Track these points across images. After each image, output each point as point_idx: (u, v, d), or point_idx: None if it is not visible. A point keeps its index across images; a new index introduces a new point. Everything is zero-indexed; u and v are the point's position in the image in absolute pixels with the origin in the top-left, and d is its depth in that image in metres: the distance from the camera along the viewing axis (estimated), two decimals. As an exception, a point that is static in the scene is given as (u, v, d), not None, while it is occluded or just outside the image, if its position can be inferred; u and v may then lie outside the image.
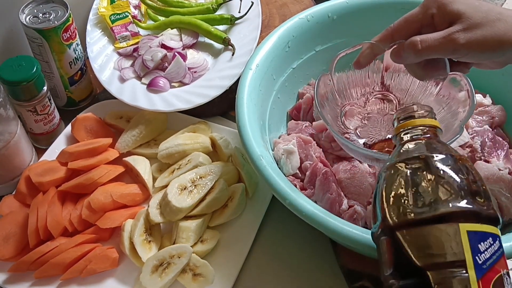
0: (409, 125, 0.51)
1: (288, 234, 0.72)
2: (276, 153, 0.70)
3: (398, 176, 0.46)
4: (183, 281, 0.66)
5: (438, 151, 0.46)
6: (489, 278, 0.40)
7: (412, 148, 0.49)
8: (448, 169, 0.44)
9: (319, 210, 0.57)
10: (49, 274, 0.66)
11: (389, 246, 0.44)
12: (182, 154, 0.75)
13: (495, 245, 0.42)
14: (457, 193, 0.42)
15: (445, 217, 0.42)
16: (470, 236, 0.41)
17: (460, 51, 0.54)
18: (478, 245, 0.41)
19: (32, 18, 0.76)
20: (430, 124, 0.51)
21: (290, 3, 1.04)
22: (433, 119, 0.51)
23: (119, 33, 0.89)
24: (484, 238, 0.41)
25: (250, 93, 0.68)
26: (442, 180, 0.43)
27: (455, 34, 0.53)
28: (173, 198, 0.68)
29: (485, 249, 0.41)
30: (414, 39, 0.55)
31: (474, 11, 0.54)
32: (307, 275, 0.69)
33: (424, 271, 0.41)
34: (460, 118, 0.61)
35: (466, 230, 0.41)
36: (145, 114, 0.80)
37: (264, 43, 0.74)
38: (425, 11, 0.57)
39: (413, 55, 0.55)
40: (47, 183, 0.72)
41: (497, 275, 0.40)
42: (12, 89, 0.72)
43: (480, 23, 0.53)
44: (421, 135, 0.50)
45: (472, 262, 0.40)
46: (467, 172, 0.44)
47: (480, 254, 0.40)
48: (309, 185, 0.68)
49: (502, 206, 0.65)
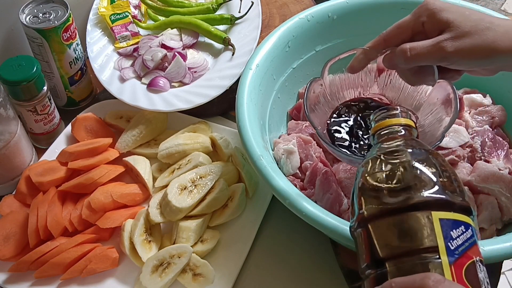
0: (385, 124, 0.52)
1: (288, 234, 0.72)
2: (276, 153, 0.71)
3: (374, 169, 0.47)
4: (183, 281, 0.66)
5: (412, 146, 0.48)
6: (461, 263, 0.41)
7: (387, 145, 0.50)
8: (422, 162, 0.46)
9: (319, 210, 0.57)
10: (49, 274, 0.66)
11: (365, 238, 0.46)
12: (182, 154, 0.75)
13: (467, 233, 0.43)
14: (430, 184, 0.44)
15: (418, 206, 0.43)
16: (442, 223, 0.42)
17: (448, 59, 0.55)
18: (450, 232, 0.42)
19: (32, 18, 0.76)
20: (406, 123, 0.52)
21: (290, 3, 1.04)
22: (408, 119, 0.52)
23: (119, 33, 0.89)
24: (457, 226, 0.43)
25: (250, 93, 0.68)
26: (416, 172, 0.45)
27: (443, 42, 0.54)
28: (173, 198, 0.69)
29: (458, 236, 0.42)
30: (404, 46, 0.56)
31: (463, 20, 0.54)
32: (307, 275, 0.69)
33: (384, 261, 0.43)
34: (444, 125, 0.61)
35: (438, 217, 0.42)
36: (145, 114, 0.80)
37: (264, 43, 0.74)
38: (416, 19, 0.58)
39: (403, 62, 0.57)
40: (47, 183, 0.72)
41: (469, 260, 0.42)
42: (12, 89, 0.72)
43: (469, 32, 0.54)
44: (396, 133, 0.51)
45: (444, 248, 0.41)
46: (440, 165, 0.46)
47: (453, 241, 0.42)
48: (309, 185, 0.68)
49: (502, 206, 0.65)
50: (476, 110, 0.75)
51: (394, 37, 0.59)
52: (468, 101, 0.76)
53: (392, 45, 0.59)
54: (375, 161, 0.48)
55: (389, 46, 0.59)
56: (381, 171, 0.46)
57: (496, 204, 0.65)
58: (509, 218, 0.66)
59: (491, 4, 1.30)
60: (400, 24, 0.59)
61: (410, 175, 0.45)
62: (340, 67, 0.67)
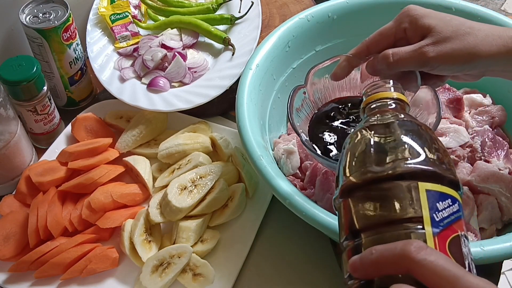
0: (377, 97, 0.51)
1: (288, 234, 0.72)
2: (276, 153, 0.71)
3: (361, 139, 0.46)
4: (183, 281, 0.66)
5: (403, 120, 0.47)
6: (446, 235, 0.40)
7: (377, 117, 0.49)
8: (411, 134, 0.45)
9: (319, 210, 0.57)
10: (49, 274, 0.66)
11: (346, 208, 0.45)
12: (182, 154, 0.75)
13: (453, 206, 0.42)
14: (419, 155, 0.43)
15: (404, 176, 0.42)
16: (429, 195, 0.41)
17: (430, 63, 0.55)
18: (436, 203, 0.41)
19: (32, 18, 0.76)
20: (398, 97, 0.51)
21: (290, 3, 1.04)
22: (400, 93, 0.51)
23: (119, 33, 0.89)
24: (443, 199, 0.42)
25: (250, 93, 0.68)
26: (404, 142, 0.44)
27: (425, 47, 0.55)
28: (173, 198, 0.69)
29: (443, 209, 0.41)
30: (386, 52, 0.57)
31: (444, 25, 0.55)
32: (307, 275, 0.69)
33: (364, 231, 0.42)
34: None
35: (425, 188, 0.41)
36: (145, 114, 0.80)
37: (264, 43, 0.74)
38: (398, 25, 0.58)
39: (386, 67, 0.57)
40: (47, 183, 0.72)
41: (454, 234, 0.41)
42: (12, 89, 0.72)
43: (449, 37, 0.54)
44: (387, 107, 0.50)
45: (429, 219, 0.40)
46: (430, 139, 0.45)
47: (438, 212, 0.41)
48: (309, 185, 0.68)
49: (502, 206, 0.65)
50: (476, 110, 0.75)
51: (377, 43, 0.59)
52: (468, 101, 0.76)
53: (375, 51, 0.59)
54: (363, 132, 0.47)
55: (372, 53, 0.59)
56: (369, 142, 0.45)
57: (496, 204, 0.65)
58: (509, 218, 0.66)
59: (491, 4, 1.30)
60: (382, 30, 0.59)
61: (398, 146, 0.44)
62: (324, 73, 0.66)
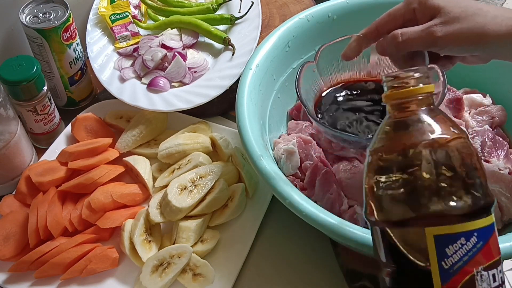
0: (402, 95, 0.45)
1: (288, 234, 0.72)
2: (276, 153, 0.71)
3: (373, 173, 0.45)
4: (183, 281, 0.66)
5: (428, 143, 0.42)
6: (455, 281, 0.39)
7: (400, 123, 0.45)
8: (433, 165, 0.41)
9: (319, 210, 0.57)
10: (49, 274, 0.66)
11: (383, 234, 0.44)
12: (182, 154, 0.75)
13: (469, 243, 0.40)
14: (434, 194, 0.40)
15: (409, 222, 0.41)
16: (437, 240, 0.40)
17: (438, 43, 0.55)
18: (445, 249, 0.39)
19: (32, 18, 0.76)
20: (427, 91, 0.45)
21: (290, 3, 1.04)
22: (428, 85, 0.45)
23: (119, 33, 0.89)
24: (454, 240, 0.40)
25: (250, 93, 0.68)
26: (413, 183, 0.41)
27: (433, 27, 0.55)
28: (173, 198, 0.69)
29: (454, 252, 0.39)
30: (395, 32, 0.57)
31: (453, 6, 0.55)
32: (307, 275, 0.69)
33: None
34: None
35: (433, 234, 0.40)
36: (145, 114, 0.80)
37: (264, 43, 0.74)
38: (407, 6, 0.58)
39: (395, 48, 0.57)
40: (47, 183, 0.72)
41: (466, 276, 0.39)
42: (12, 89, 0.72)
43: (458, 17, 0.54)
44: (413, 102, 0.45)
45: (437, 268, 0.39)
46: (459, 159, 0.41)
47: (447, 259, 0.39)
48: (309, 185, 0.68)
49: (502, 206, 0.65)
50: (476, 110, 0.75)
51: (386, 24, 0.60)
52: (468, 101, 0.76)
53: (384, 32, 0.59)
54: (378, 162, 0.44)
55: (382, 33, 0.60)
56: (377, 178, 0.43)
57: (496, 204, 0.65)
58: (509, 218, 0.66)
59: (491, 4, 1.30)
60: (392, 11, 0.60)
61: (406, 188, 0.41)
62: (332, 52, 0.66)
